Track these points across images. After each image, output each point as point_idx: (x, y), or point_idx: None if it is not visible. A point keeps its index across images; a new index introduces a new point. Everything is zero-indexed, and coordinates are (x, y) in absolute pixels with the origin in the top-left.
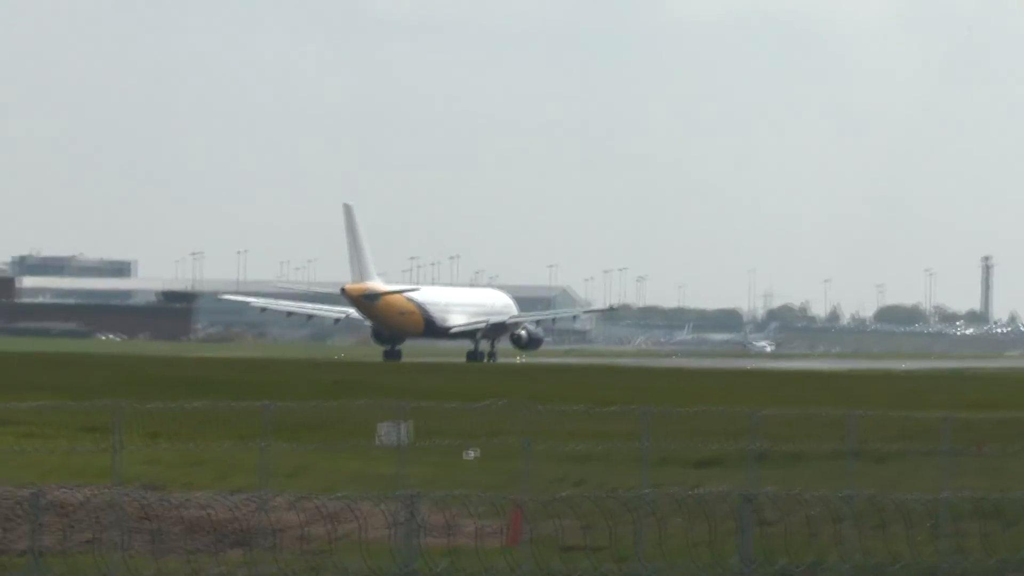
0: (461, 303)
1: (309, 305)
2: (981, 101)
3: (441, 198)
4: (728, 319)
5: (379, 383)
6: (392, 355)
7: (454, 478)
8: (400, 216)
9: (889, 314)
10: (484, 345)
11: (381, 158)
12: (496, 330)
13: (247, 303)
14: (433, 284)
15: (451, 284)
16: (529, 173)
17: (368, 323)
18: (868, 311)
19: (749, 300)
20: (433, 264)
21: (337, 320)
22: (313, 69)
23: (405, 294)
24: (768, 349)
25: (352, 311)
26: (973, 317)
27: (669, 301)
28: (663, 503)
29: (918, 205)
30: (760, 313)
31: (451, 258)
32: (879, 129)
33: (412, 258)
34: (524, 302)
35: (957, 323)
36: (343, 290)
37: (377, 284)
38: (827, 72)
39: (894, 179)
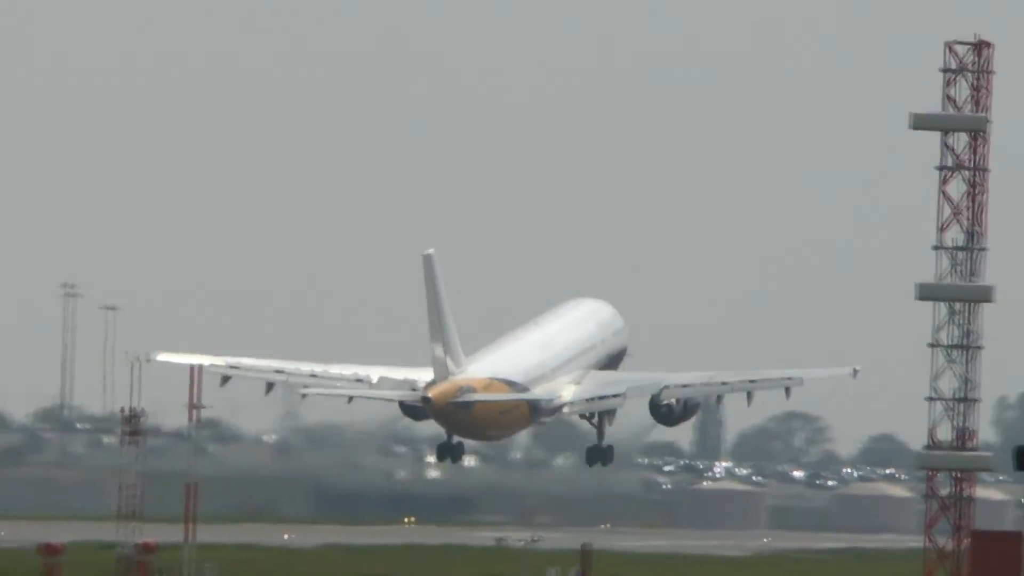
0: (566, 355)
1: (304, 367)
2: None
3: None
4: None
5: None
6: (449, 451)
7: None
8: None
9: None
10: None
11: None
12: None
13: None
14: None
15: None
16: None
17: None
18: None
19: None
20: None
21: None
22: None
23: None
24: None
25: (375, 376)
26: None
27: None
28: None
29: None
30: None
31: None
32: None
33: None
34: None
35: None
36: (425, 399)
37: (469, 375)
38: None
39: None
